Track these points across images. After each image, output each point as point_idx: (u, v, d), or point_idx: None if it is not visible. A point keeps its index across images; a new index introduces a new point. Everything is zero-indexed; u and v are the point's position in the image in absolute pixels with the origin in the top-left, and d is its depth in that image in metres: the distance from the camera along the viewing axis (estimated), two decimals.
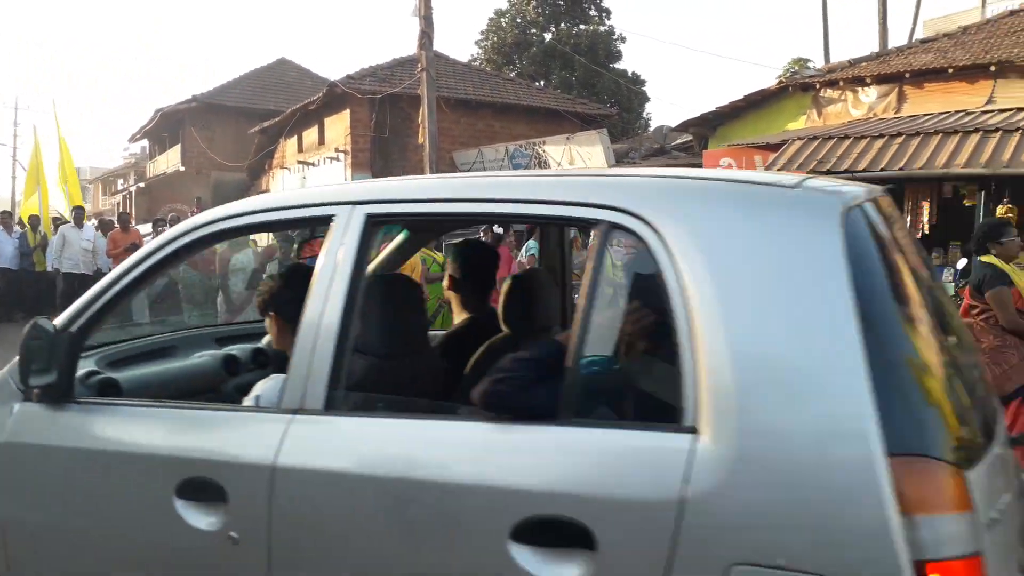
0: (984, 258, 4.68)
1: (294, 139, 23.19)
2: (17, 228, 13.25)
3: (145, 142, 36.42)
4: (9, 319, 11.78)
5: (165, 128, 30.88)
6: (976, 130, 9.51)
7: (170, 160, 30.29)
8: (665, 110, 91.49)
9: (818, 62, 21.67)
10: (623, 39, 30.54)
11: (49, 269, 12.41)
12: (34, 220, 13.50)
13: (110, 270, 10.83)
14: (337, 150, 19.52)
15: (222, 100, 27.98)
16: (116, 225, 12.60)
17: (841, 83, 13.25)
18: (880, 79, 12.70)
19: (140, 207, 31.01)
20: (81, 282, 11.35)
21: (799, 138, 11.17)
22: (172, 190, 28.72)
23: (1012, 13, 13.91)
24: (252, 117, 26.32)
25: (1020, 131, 9.11)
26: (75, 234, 12.21)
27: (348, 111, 18.82)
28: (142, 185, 33.70)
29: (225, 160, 26.53)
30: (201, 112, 27.83)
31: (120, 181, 42.23)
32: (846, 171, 9.90)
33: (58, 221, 13.87)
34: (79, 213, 12.79)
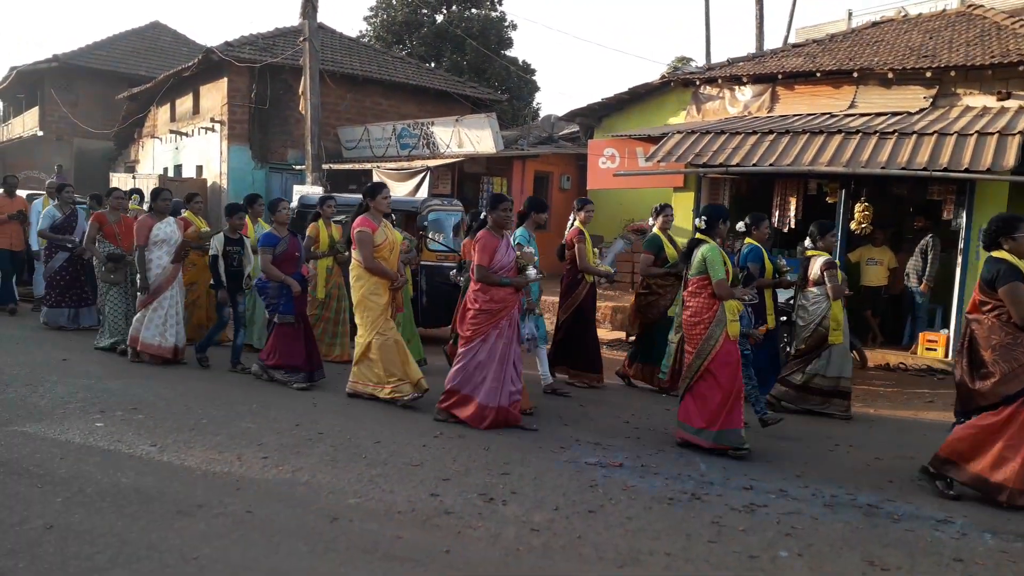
0: (996, 253, 4.53)
1: (167, 107, 21.86)
2: None
3: None
4: None
5: (21, 88, 28.38)
6: (839, 131, 10.07)
7: (27, 123, 27.88)
8: (554, 100, 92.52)
9: (700, 61, 22.40)
10: (514, 26, 30.60)
11: None
12: None
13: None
14: (213, 120, 18.54)
15: (88, 62, 26.00)
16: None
17: (720, 81, 13.74)
18: (755, 79, 13.26)
19: None
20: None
21: (679, 131, 11.51)
22: (29, 156, 26.50)
23: (874, 24, 14.84)
24: (121, 82, 24.60)
25: (877, 134, 9.71)
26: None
27: (226, 80, 17.89)
28: None
29: (90, 127, 24.71)
30: (63, 73, 25.76)
31: None
32: (721, 165, 10.27)
33: None
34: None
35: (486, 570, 3.19)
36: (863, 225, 9.66)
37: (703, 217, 5.39)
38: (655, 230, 7.32)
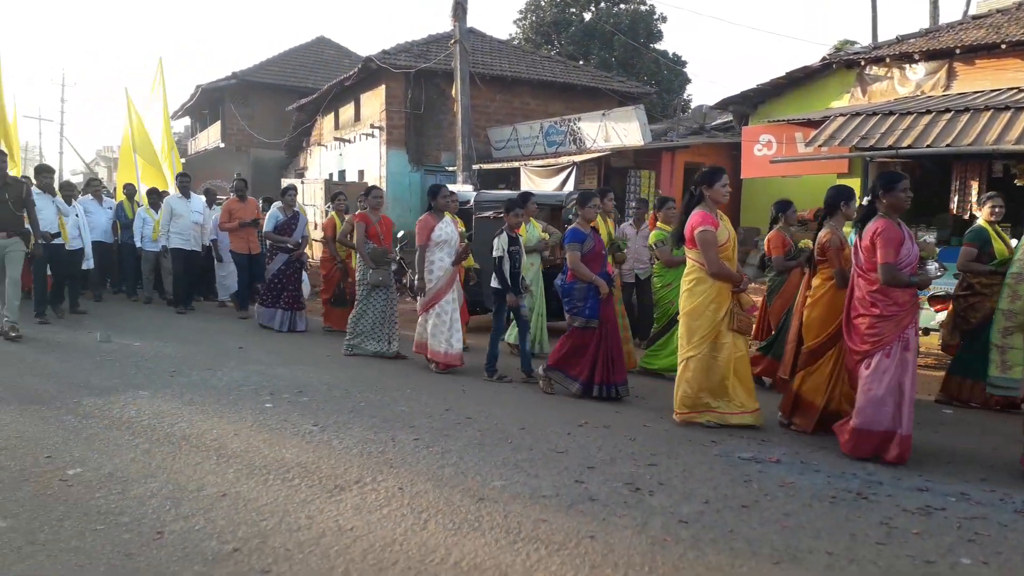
0: None
1: (331, 116, 23.23)
2: (108, 199, 11.60)
3: (187, 120, 36.88)
4: (99, 297, 10.87)
5: (206, 105, 31.20)
6: None
7: (211, 137, 30.61)
8: (705, 91, 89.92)
9: (864, 43, 20.92)
10: (664, 19, 30.04)
11: (151, 248, 10.64)
12: (129, 189, 11.84)
13: (212, 245, 10.27)
14: (372, 126, 19.49)
15: (261, 77, 28.15)
16: (231, 195, 10.44)
17: (888, 60, 12.78)
18: (929, 55, 12.22)
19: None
20: (189, 260, 10.23)
21: (841, 114, 10.81)
22: (212, 167, 29.04)
23: None
24: (291, 94, 26.42)
25: None
26: (183, 205, 10.17)
27: (383, 87, 18.76)
28: (183, 161, 34.09)
29: (264, 137, 26.72)
30: (241, 89, 28.03)
31: None
32: (890, 147, 9.55)
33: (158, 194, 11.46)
34: (184, 181, 10.59)
35: (632, 558, 3.11)
36: None
37: None
38: (981, 221, 6.27)
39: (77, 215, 9.76)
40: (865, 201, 4.82)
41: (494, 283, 6.67)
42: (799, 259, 6.40)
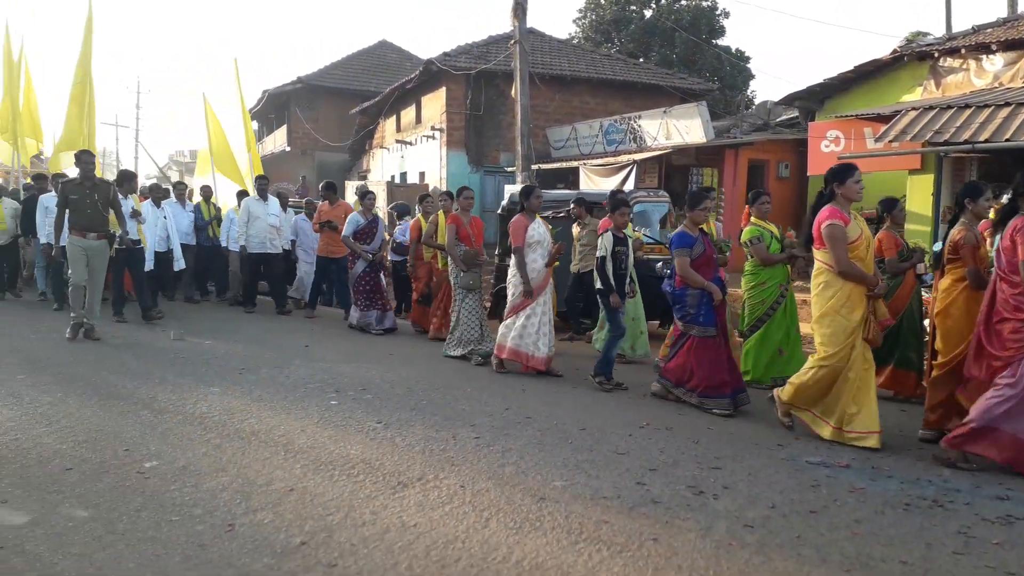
0: None
1: (393, 119, 23.57)
2: (189, 202, 11.61)
3: (255, 124, 37.93)
4: (190, 299, 11.01)
5: (272, 109, 32.03)
6: None
7: (277, 140, 31.42)
8: (769, 86, 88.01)
9: (938, 34, 20.13)
10: (726, 14, 29.48)
11: (233, 248, 10.61)
12: (206, 191, 11.95)
13: (292, 248, 10.56)
14: (433, 128, 19.70)
15: (326, 81, 28.75)
16: (322, 198, 10.39)
17: (963, 51, 12.29)
18: (1007, 45, 11.70)
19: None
20: (266, 263, 10.24)
21: (914, 108, 10.44)
22: (278, 169, 29.77)
23: None
24: (354, 98, 26.91)
25: None
26: (261, 208, 10.15)
27: (444, 89, 18.94)
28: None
29: (328, 140, 27.27)
30: (306, 93, 28.68)
31: None
32: (966, 142, 9.18)
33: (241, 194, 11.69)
34: (263, 184, 10.59)
35: (695, 562, 3.06)
36: None
37: None
38: None
39: (165, 217, 10.00)
40: (1005, 199, 4.60)
41: (598, 284, 6.41)
42: (912, 260, 6.16)
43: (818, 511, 3.62)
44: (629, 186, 14.13)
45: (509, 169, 17.24)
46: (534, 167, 15.78)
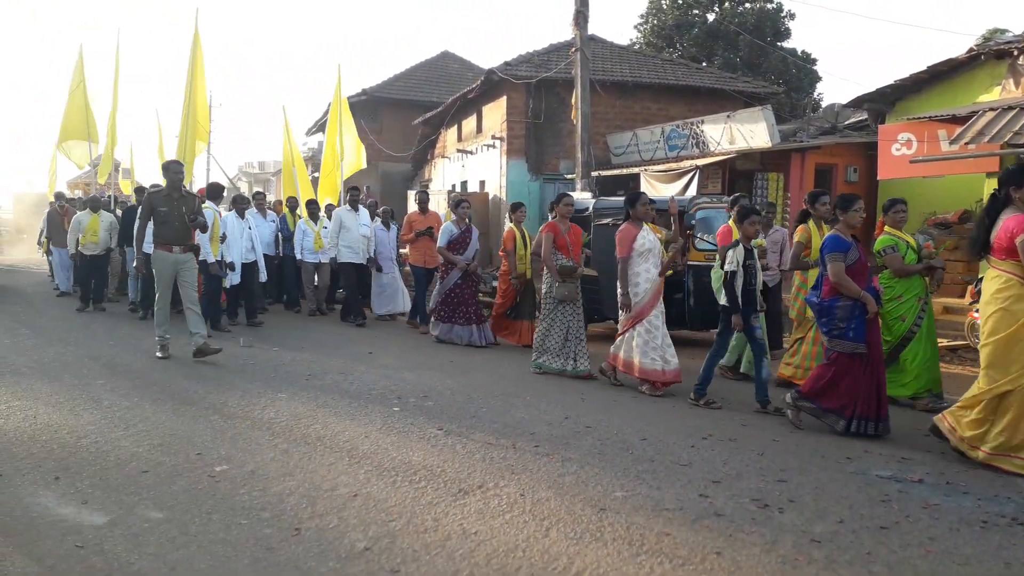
0: None
1: (454, 128, 23.81)
2: (271, 212, 11.74)
3: (321, 136, 38.81)
4: (292, 309, 11.39)
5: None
6: None
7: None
8: (837, 89, 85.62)
9: (1017, 31, 19.30)
10: (792, 16, 28.83)
11: (310, 259, 11.06)
12: (292, 202, 12.04)
13: (375, 258, 10.43)
14: (494, 137, 19.82)
15: (389, 93, 29.21)
16: (416, 207, 10.52)
17: None
18: None
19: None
20: (358, 273, 10.39)
21: (991, 108, 10.02)
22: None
23: None
24: (416, 109, 27.23)
25: None
26: (352, 218, 10.23)
27: (504, 98, 19.03)
28: (317, 175, 35.90)
29: (391, 151, 27.73)
30: (370, 104, 29.20)
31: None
32: None
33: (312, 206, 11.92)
34: (354, 195, 10.65)
35: None
36: None
37: None
38: None
39: (250, 228, 10.03)
40: None
41: (723, 300, 5.99)
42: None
43: (889, 527, 3.50)
44: (692, 192, 13.94)
45: (569, 176, 17.21)
46: (594, 174, 15.71)
